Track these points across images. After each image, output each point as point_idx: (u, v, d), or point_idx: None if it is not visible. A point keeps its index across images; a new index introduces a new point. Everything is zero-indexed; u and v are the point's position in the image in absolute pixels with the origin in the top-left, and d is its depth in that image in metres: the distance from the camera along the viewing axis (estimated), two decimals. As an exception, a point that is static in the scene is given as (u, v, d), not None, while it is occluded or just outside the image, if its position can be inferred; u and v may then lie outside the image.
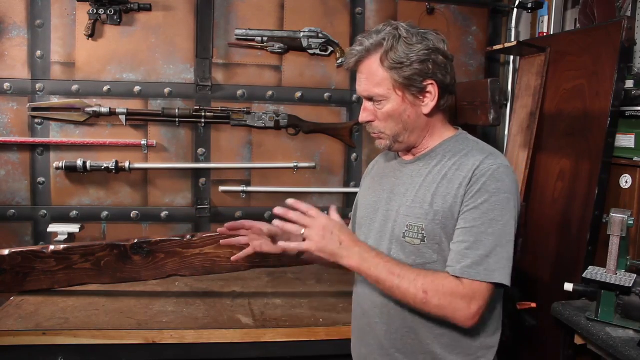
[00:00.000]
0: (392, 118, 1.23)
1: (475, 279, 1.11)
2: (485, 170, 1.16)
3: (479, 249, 1.13)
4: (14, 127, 2.33)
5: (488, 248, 1.12)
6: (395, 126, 1.24)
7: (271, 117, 2.46)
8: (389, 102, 1.21)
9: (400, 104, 1.21)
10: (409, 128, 1.24)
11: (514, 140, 2.54)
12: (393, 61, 1.18)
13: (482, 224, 1.14)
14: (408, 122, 1.23)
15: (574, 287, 1.71)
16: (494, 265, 1.12)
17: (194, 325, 1.69)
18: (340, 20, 2.53)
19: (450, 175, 1.20)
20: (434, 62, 1.18)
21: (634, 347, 1.47)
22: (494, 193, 1.14)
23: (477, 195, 1.15)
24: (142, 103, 2.41)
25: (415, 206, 1.22)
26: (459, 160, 1.21)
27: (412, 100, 1.21)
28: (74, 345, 1.60)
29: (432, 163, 1.25)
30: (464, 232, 1.15)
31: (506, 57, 2.74)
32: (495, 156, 1.21)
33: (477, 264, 1.12)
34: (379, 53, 1.19)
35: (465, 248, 1.14)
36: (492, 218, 1.14)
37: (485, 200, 1.14)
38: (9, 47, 2.31)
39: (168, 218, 2.46)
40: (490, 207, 1.14)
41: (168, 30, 2.40)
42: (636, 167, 1.92)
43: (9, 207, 2.35)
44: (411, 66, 1.17)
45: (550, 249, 2.18)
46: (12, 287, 1.84)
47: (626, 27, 1.92)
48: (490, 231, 1.13)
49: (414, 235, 1.20)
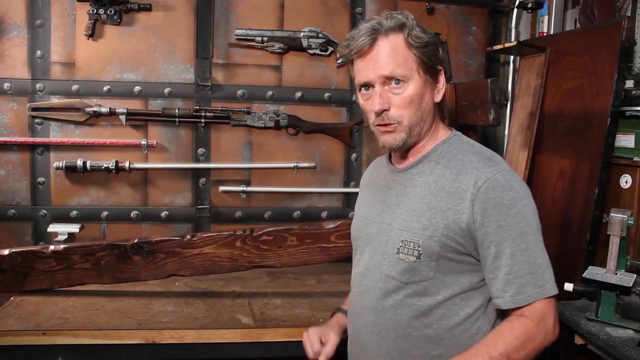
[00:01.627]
0: (412, 104, 1.14)
1: (530, 302, 1.07)
2: (493, 183, 1.09)
3: (519, 270, 1.08)
4: (14, 127, 2.33)
5: (528, 265, 1.08)
6: (414, 114, 1.15)
7: (271, 117, 2.46)
8: (410, 84, 1.13)
9: (422, 86, 1.14)
10: (424, 118, 1.17)
11: (514, 140, 2.54)
12: (419, 40, 1.13)
13: (513, 241, 1.08)
14: (425, 109, 1.17)
15: (574, 287, 1.71)
16: (541, 280, 1.08)
17: (194, 325, 1.69)
18: (340, 20, 2.53)
19: (449, 186, 1.13)
20: (442, 52, 1.19)
21: (634, 347, 1.47)
22: (512, 205, 1.09)
23: (495, 212, 1.08)
24: (142, 103, 2.41)
25: (411, 220, 1.15)
26: (457, 169, 1.14)
27: (431, 84, 1.17)
28: (74, 345, 1.60)
29: (426, 171, 1.18)
30: (498, 256, 1.09)
31: (506, 57, 2.74)
32: (494, 162, 1.14)
33: (525, 286, 1.07)
34: (402, 33, 1.13)
35: (506, 273, 1.08)
36: (520, 232, 1.08)
37: (506, 215, 1.08)
38: (9, 47, 2.31)
39: (168, 218, 2.46)
40: (513, 221, 1.08)
41: (168, 30, 2.40)
42: (636, 167, 1.92)
43: (9, 207, 2.35)
44: (430, 47, 1.14)
45: (550, 249, 2.15)
46: (12, 287, 1.84)
47: (626, 27, 1.92)
48: (523, 246, 1.08)
49: (409, 251, 1.13)
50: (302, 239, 1.89)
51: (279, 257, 1.90)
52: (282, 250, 1.90)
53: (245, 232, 1.89)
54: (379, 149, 2.66)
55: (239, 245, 1.87)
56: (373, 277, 1.21)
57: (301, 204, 2.58)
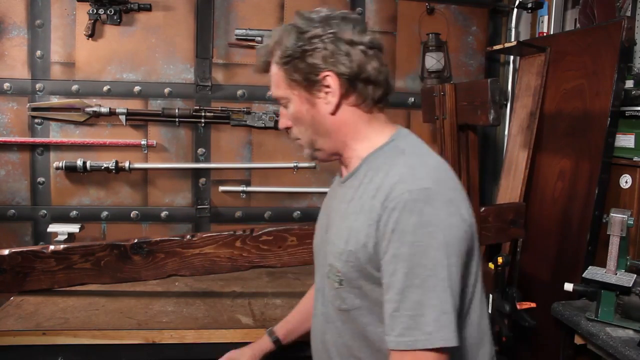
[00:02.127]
0: (299, 122, 1.06)
1: (412, 348, 0.89)
2: (397, 202, 0.91)
3: (407, 309, 0.89)
4: (14, 127, 2.33)
5: (418, 305, 0.89)
6: (306, 131, 1.06)
7: (271, 117, 2.46)
8: (290, 104, 1.06)
9: (300, 104, 1.04)
10: (320, 132, 1.05)
11: (514, 140, 2.54)
12: (283, 56, 1.01)
13: (406, 274, 0.89)
14: (315, 124, 1.05)
15: (574, 287, 1.71)
16: (431, 325, 0.88)
17: (194, 325, 1.69)
18: (340, 20, 2.53)
19: (368, 205, 0.97)
20: (332, 51, 0.99)
21: (634, 347, 1.47)
22: (412, 231, 0.89)
23: (393, 237, 0.91)
24: (142, 103, 2.41)
25: (335, 242, 1.03)
26: (377, 184, 0.98)
27: (309, 98, 1.03)
28: (74, 345, 1.60)
29: (354, 185, 1.04)
30: (388, 289, 0.92)
31: (506, 57, 2.74)
32: (414, 176, 0.94)
33: (411, 328, 0.89)
34: (273, 54, 1.05)
35: (393, 310, 0.91)
36: (417, 263, 0.89)
37: (403, 243, 0.90)
38: (9, 47, 2.31)
39: (168, 218, 2.46)
40: (411, 251, 0.89)
41: (168, 30, 2.40)
42: (636, 167, 1.92)
43: (9, 207, 2.35)
44: (301, 58, 1.00)
45: (550, 248, 2.18)
46: (12, 287, 1.84)
47: (626, 27, 1.92)
48: (417, 282, 0.89)
49: (334, 277, 1.02)
50: (302, 239, 1.88)
51: (279, 257, 1.90)
52: (282, 250, 1.89)
53: (245, 232, 1.89)
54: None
55: (239, 245, 1.87)
56: (318, 299, 1.15)
57: (301, 204, 2.58)
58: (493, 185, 2.72)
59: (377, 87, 1.03)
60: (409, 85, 2.62)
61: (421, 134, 1.12)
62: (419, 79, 2.62)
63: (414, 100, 2.59)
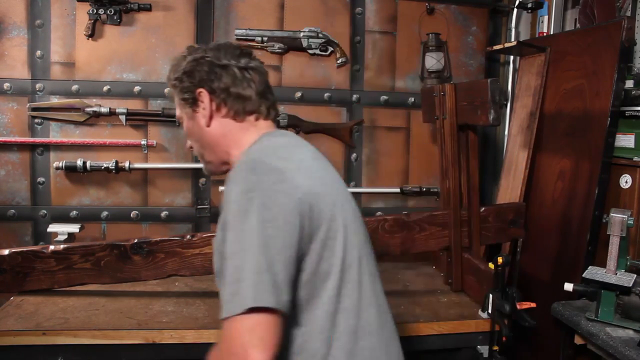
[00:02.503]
0: (191, 137, 1.23)
1: (230, 314, 0.86)
2: (229, 176, 1.01)
3: (225, 276, 0.89)
4: (14, 127, 2.33)
5: (234, 270, 0.88)
6: (196, 144, 1.23)
7: (271, 117, 2.46)
8: (183, 122, 1.23)
9: (187, 120, 1.21)
10: (205, 145, 1.20)
11: (514, 140, 2.54)
12: (173, 78, 1.19)
13: (232, 241, 0.91)
14: (201, 138, 1.20)
15: (574, 287, 1.71)
16: (247, 290, 0.85)
17: (194, 325, 1.69)
18: (340, 20, 2.53)
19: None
20: (206, 72, 1.15)
21: (634, 347, 1.47)
22: (234, 200, 0.94)
23: (224, 208, 0.98)
24: (142, 103, 2.41)
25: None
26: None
27: (192, 115, 1.19)
28: (74, 345, 1.60)
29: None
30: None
31: (506, 57, 2.74)
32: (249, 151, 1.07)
33: (234, 294, 0.87)
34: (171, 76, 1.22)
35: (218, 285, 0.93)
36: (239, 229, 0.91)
37: (228, 212, 0.95)
38: (9, 47, 2.31)
39: (168, 218, 2.46)
40: (227, 223, 0.93)
41: (168, 30, 2.40)
42: (636, 167, 1.92)
43: (9, 207, 2.35)
44: (181, 80, 1.17)
45: (550, 249, 2.18)
46: (12, 287, 1.84)
47: (626, 27, 1.92)
48: (234, 249, 0.90)
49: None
50: (302, 239, 1.88)
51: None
52: (282, 250, 1.89)
53: (245, 232, 1.88)
54: (378, 149, 2.68)
55: None
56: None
57: (301, 204, 2.57)
58: (493, 185, 2.72)
59: (248, 101, 1.16)
60: (409, 85, 2.63)
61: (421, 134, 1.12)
62: (419, 79, 2.62)
63: (414, 100, 2.60)
